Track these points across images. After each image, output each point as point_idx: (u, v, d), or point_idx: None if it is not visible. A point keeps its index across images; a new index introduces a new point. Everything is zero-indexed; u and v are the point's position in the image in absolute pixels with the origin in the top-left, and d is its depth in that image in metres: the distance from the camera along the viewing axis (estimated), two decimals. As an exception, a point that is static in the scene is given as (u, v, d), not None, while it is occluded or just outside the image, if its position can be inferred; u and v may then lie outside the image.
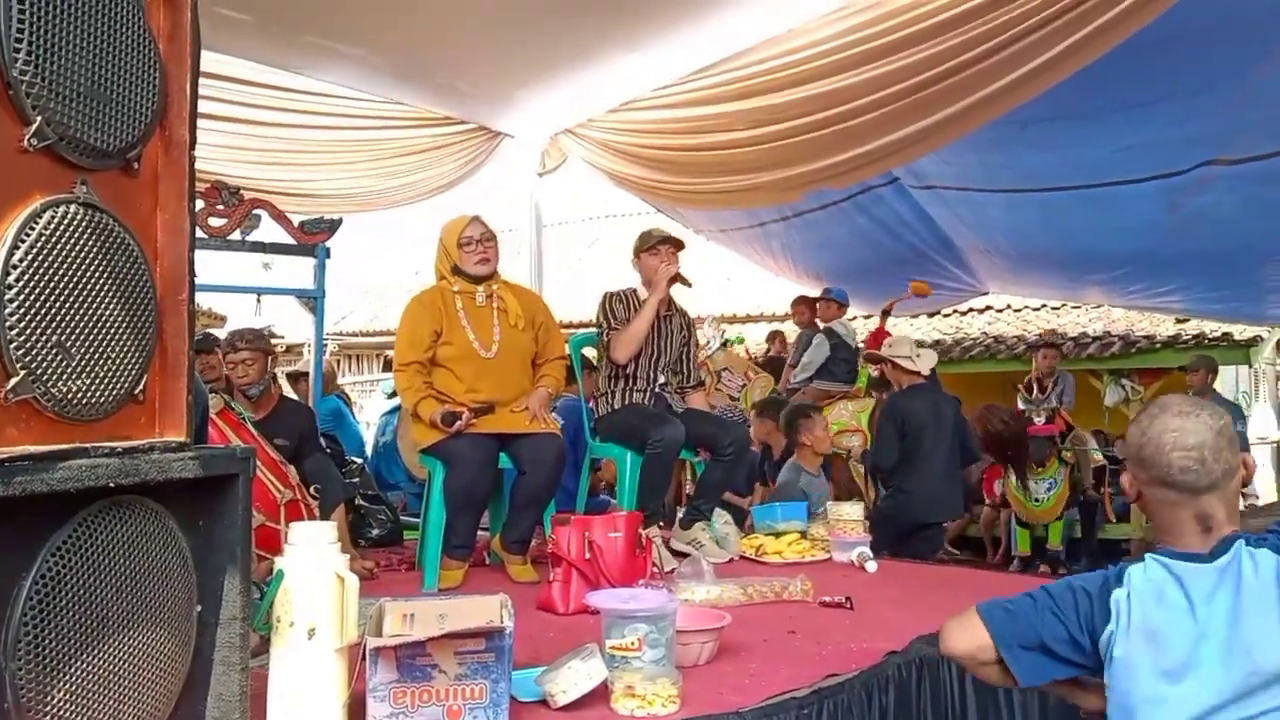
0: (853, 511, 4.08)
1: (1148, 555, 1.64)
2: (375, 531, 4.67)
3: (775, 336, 9.32)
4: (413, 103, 5.88)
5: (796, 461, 4.83)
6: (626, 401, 4.08)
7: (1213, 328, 9.29)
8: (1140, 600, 1.58)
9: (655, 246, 4.07)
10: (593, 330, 4.23)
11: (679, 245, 4.11)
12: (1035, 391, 7.62)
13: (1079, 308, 10.57)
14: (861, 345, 7.07)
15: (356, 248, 11.54)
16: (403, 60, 5.27)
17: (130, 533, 1.35)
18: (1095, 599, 1.62)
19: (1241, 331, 9.11)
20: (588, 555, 3.08)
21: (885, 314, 7.99)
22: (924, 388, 5.45)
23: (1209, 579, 1.56)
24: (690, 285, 4.12)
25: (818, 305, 7.69)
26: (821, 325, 7.48)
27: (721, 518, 4.19)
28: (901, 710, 2.38)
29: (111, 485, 1.29)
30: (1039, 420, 7.46)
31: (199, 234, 4.70)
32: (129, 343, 1.40)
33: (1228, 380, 11.38)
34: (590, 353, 4.71)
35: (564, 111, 6.07)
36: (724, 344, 8.21)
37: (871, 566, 3.79)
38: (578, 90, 5.71)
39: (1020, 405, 7.61)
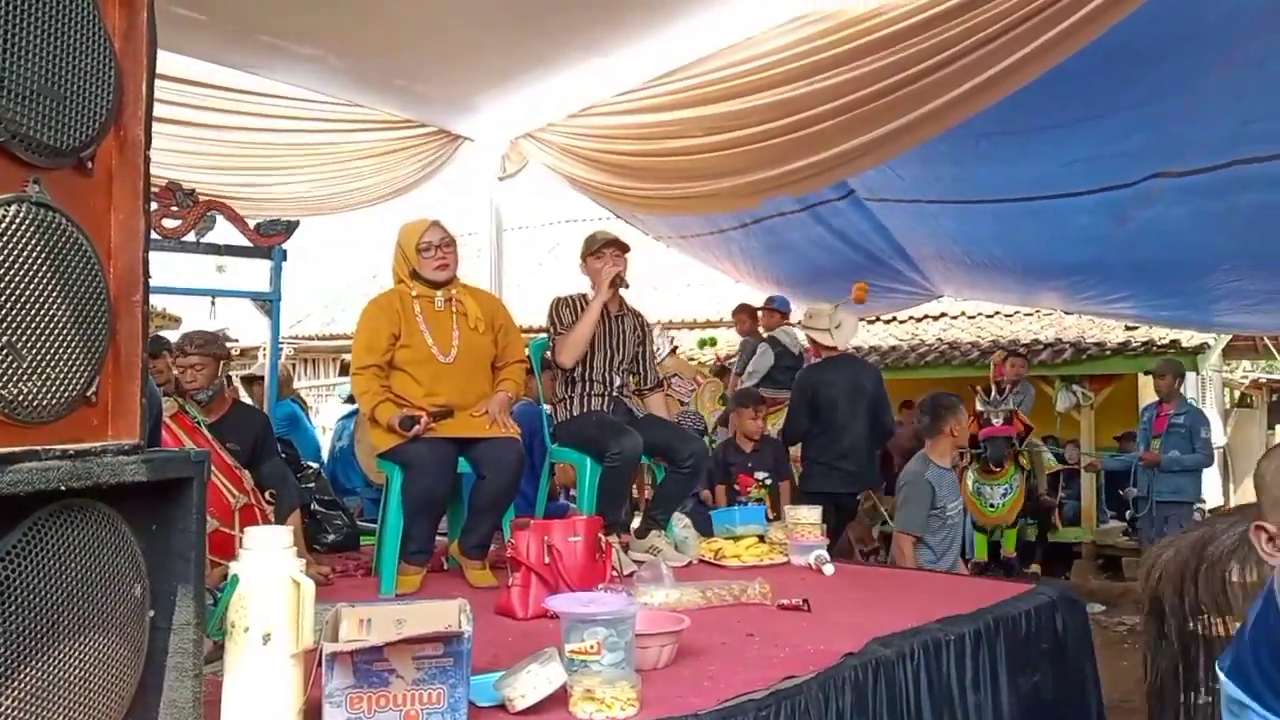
0: (810, 515, 4.11)
1: None
2: (331, 537, 4.62)
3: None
4: (371, 105, 5.85)
5: (926, 454, 4.53)
6: (585, 407, 4.08)
7: (1161, 335, 9.50)
8: None
9: (600, 250, 4.08)
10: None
11: (624, 248, 4.13)
12: (994, 393, 7.70)
13: (1032, 314, 10.76)
14: (805, 352, 7.16)
15: (314, 251, 11.45)
16: (361, 62, 5.24)
17: (82, 537, 1.33)
18: None
19: (1190, 339, 9.33)
20: (547, 560, 3.07)
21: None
22: (841, 359, 5.56)
23: None
24: (627, 286, 4.13)
25: (760, 314, 7.81)
26: (764, 333, 7.60)
27: (680, 522, 4.20)
28: (858, 711, 2.41)
29: (63, 488, 1.28)
30: (997, 421, 7.55)
31: (153, 235, 4.65)
32: (81, 344, 1.38)
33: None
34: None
35: (524, 116, 6.07)
36: (672, 350, 8.28)
37: (829, 569, 3.83)
38: (538, 94, 5.71)
39: (979, 406, 7.71)
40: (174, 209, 5.04)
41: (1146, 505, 7.16)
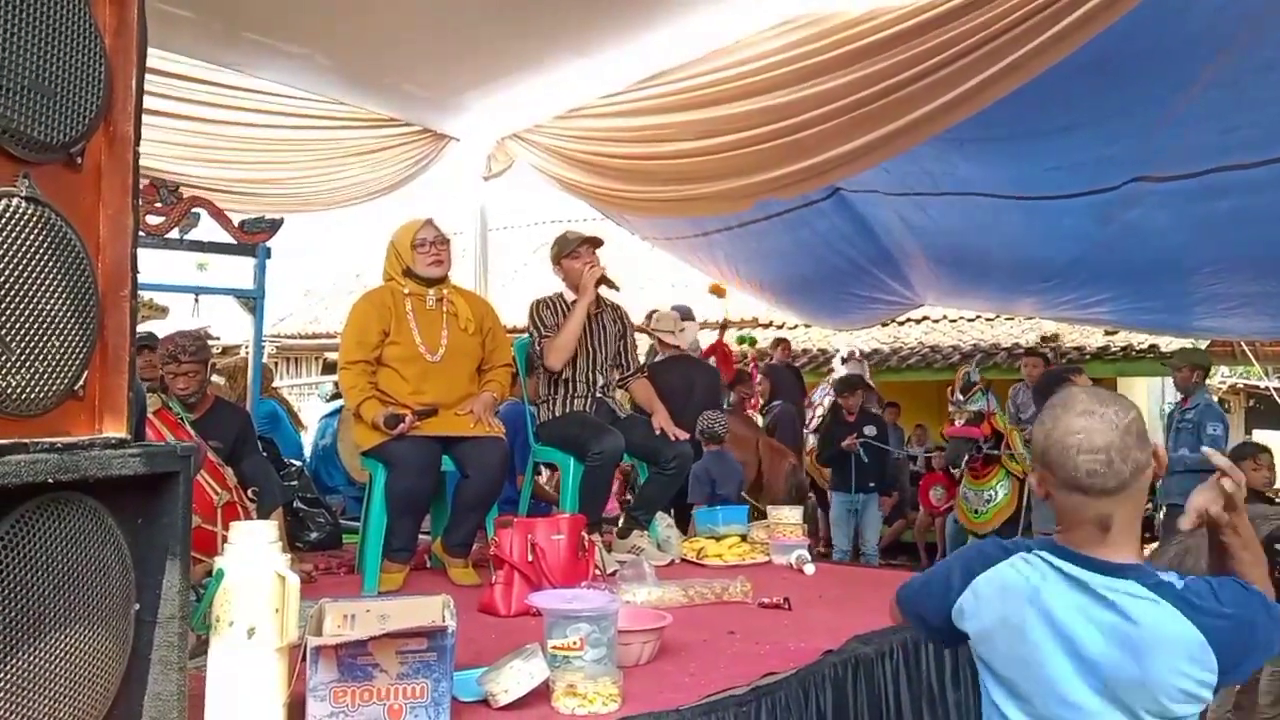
0: (791, 515, 4.14)
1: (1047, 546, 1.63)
2: (314, 535, 4.61)
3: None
4: (357, 104, 5.83)
5: None
6: (568, 408, 4.10)
7: (1140, 339, 9.59)
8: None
9: (575, 250, 4.10)
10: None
11: (597, 244, 4.15)
12: (958, 393, 7.67)
13: (1013, 319, 10.84)
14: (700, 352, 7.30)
15: (298, 249, 11.42)
16: (348, 61, 5.23)
17: (68, 530, 1.34)
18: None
19: (1168, 343, 9.42)
20: (530, 557, 3.09)
21: (723, 328, 8.64)
22: (680, 359, 5.83)
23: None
24: (617, 288, 4.16)
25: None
26: None
27: (664, 521, 4.23)
28: (838, 707, 2.44)
29: (50, 481, 1.28)
30: (959, 422, 7.50)
31: (136, 232, 4.63)
32: (70, 338, 1.39)
33: (1154, 391, 11.76)
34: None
35: (511, 116, 6.07)
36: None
37: (810, 569, 3.86)
38: (525, 95, 5.71)
39: (950, 408, 7.73)
40: (158, 205, 5.03)
41: (1157, 509, 6.80)
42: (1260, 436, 14.55)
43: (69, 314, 1.38)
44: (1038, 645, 1.54)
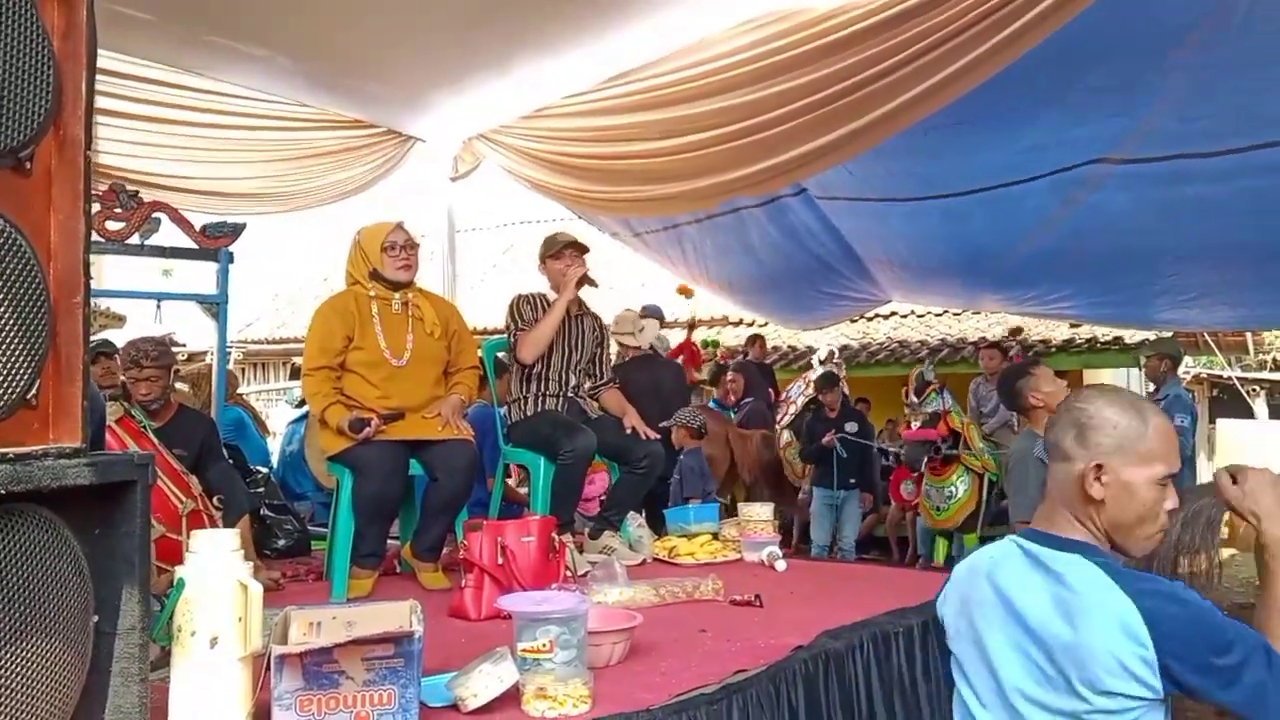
0: (762, 512, 4.15)
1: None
2: (281, 542, 4.57)
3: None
4: (321, 106, 5.78)
5: (1031, 429, 3.76)
6: (540, 407, 4.09)
7: (1104, 332, 9.72)
8: None
9: (561, 251, 4.12)
10: (504, 336, 4.24)
11: (584, 249, 4.18)
12: (911, 395, 7.69)
13: (980, 314, 10.94)
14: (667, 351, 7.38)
15: (263, 252, 11.32)
16: (311, 63, 5.18)
17: (22, 542, 1.32)
18: None
19: (1131, 336, 9.56)
20: (500, 560, 3.08)
21: (691, 327, 8.82)
22: (644, 359, 5.91)
23: None
24: (596, 285, 4.18)
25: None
26: None
27: (635, 520, 4.22)
28: (810, 703, 2.45)
29: (2, 492, 1.26)
30: (915, 425, 7.51)
31: (96, 238, 4.57)
32: (20, 346, 1.36)
33: (1119, 383, 11.91)
34: (505, 356, 4.71)
35: (477, 117, 6.04)
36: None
37: (781, 565, 3.87)
38: (491, 95, 5.68)
39: (906, 410, 7.76)
40: (117, 211, 4.95)
41: None
42: (1224, 426, 14.78)
43: (20, 322, 1.36)
44: (989, 620, 1.61)
